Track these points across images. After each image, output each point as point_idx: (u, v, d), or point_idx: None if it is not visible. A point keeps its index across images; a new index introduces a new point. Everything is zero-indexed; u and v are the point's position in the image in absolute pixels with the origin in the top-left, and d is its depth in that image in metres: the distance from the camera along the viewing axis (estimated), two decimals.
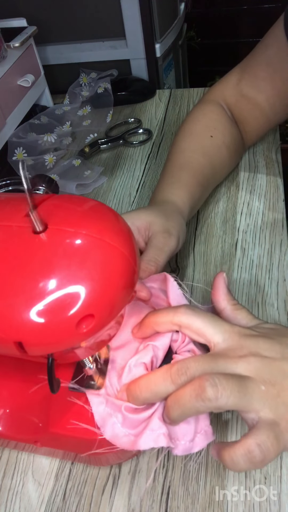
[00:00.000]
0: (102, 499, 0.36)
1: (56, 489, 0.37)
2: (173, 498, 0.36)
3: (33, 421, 0.35)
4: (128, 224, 0.28)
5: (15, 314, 0.24)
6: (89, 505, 0.36)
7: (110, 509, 0.36)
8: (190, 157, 0.55)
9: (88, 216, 0.27)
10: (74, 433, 0.33)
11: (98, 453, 0.32)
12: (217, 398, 0.27)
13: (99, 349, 0.33)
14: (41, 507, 0.37)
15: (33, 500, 0.37)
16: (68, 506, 0.36)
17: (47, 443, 0.36)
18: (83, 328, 0.25)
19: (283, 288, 0.49)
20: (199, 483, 0.36)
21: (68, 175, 0.68)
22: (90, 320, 0.25)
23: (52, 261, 0.24)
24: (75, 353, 0.29)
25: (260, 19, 0.82)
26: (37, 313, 0.24)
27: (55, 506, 0.37)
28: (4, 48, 0.69)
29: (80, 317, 0.24)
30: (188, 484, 0.36)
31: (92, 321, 0.25)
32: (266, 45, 0.57)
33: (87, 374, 0.34)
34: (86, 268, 0.24)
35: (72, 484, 0.38)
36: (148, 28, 0.85)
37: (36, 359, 0.29)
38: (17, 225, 0.26)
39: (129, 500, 0.36)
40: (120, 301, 0.26)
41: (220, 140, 0.57)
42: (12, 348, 0.25)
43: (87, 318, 0.25)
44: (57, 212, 0.27)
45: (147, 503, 0.36)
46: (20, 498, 0.37)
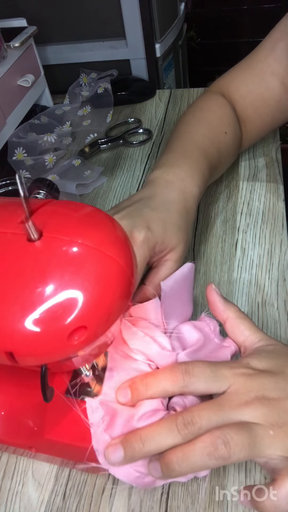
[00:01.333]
0: (102, 499, 0.36)
1: (56, 489, 0.37)
2: (173, 498, 0.36)
3: (28, 425, 0.35)
4: (125, 232, 0.28)
5: (6, 323, 0.23)
6: (89, 505, 0.36)
7: (110, 509, 0.36)
8: (208, 147, 0.51)
9: (84, 224, 0.26)
10: (68, 440, 0.33)
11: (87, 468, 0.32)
12: (230, 456, 0.27)
13: (94, 359, 0.33)
14: (41, 507, 0.37)
15: (33, 500, 0.37)
16: (68, 506, 0.36)
17: (42, 449, 0.36)
18: (75, 340, 0.24)
19: (283, 288, 0.49)
20: (199, 483, 0.36)
21: (68, 175, 0.68)
22: (83, 331, 0.24)
23: (46, 270, 0.24)
24: (69, 363, 0.28)
25: (260, 19, 0.81)
26: (29, 323, 0.23)
27: (55, 506, 0.37)
28: (4, 48, 0.69)
29: (72, 328, 0.23)
30: (188, 484, 0.36)
31: (84, 333, 0.24)
32: (274, 40, 0.55)
33: (83, 381, 0.33)
34: (80, 279, 0.24)
35: (72, 484, 0.38)
36: (148, 28, 0.85)
37: (29, 368, 0.28)
38: (12, 232, 0.25)
39: (129, 500, 0.36)
40: (114, 312, 0.26)
41: (231, 139, 0.55)
42: (2, 357, 0.24)
43: (80, 330, 0.24)
44: (53, 219, 0.26)
45: (147, 503, 0.36)
46: (20, 498, 0.37)
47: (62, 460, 0.37)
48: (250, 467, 0.37)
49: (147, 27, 0.85)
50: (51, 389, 0.29)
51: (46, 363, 0.26)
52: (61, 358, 0.26)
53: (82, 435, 0.32)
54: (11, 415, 0.36)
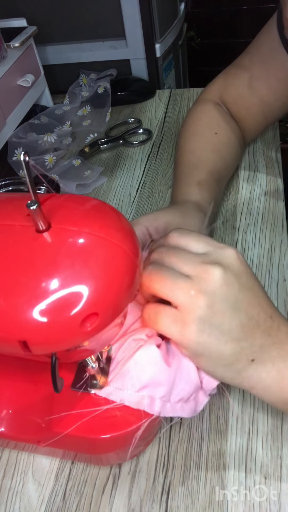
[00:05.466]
0: (102, 499, 0.36)
1: (56, 489, 0.37)
2: (173, 498, 0.36)
3: (36, 421, 0.35)
4: (129, 222, 0.29)
5: (20, 313, 0.24)
6: (89, 505, 0.36)
7: (110, 509, 0.36)
8: (200, 155, 0.55)
9: (90, 214, 0.27)
10: (78, 433, 0.33)
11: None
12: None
13: (103, 348, 0.33)
14: (41, 507, 0.37)
15: (33, 500, 0.37)
16: (68, 506, 0.36)
17: (50, 443, 0.36)
18: (88, 326, 0.25)
19: (283, 288, 0.49)
20: (199, 483, 0.36)
21: (68, 175, 0.68)
22: (94, 318, 0.25)
23: (56, 260, 0.24)
24: (78, 352, 0.29)
25: (260, 19, 0.81)
26: (42, 312, 0.24)
27: (55, 506, 0.37)
28: (4, 48, 0.69)
29: (84, 315, 0.24)
30: (188, 484, 0.36)
31: (96, 320, 0.25)
32: (260, 44, 0.58)
33: (89, 373, 0.34)
34: (89, 267, 0.24)
35: (72, 484, 0.38)
36: (148, 28, 0.85)
37: (39, 358, 0.29)
38: (20, 224, 0.26)
39: (129, 500, 0.36)
40: (123, 299, 0.27)
41: (225, 136, 0.57)
42: (16, 347, 0.25)
43: (92, 317, 0.25)
44: (60, 211, 0.27)
45: (147, 503, 0.36)
46: (20, 498, 0.37)
47: (64, 452, 0.38)
48: (250, 467, 0.37)
49: (147, 27, 0.85)
50: (61, 379, 0.30)
51: (60, 350, 0.27)
52: (75, 345, 0.27)
53: (90, 427, 0.33)
54: (18, 412, 0.36)
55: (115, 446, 0.34)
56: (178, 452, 0.38)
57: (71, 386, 0.35)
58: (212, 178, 0.53)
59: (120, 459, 0.37)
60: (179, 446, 0.38)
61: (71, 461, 0.39)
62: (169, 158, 0.70)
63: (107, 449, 0.35)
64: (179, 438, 0.39)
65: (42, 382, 0.36)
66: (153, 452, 0.38)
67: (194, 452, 0.38)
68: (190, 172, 0.54)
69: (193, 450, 0.38)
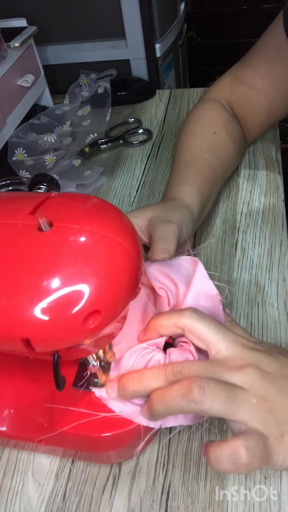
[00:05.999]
0: (102, 499, 0.36)
1: (56, 489, 0.37)
2: (173, 498, 0.36)
3: (38, 420, 0.35)
4: (130, 221, 0.29)
5: (22, 311, 0.24)
6: (89, 505, 0.36)
7: (110, 509, 0.36)
8: (195, 154, 0.55)
9: (91, 213, 0.27)
10: (79, 431, 0.33)
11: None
12: (201, 401, 0.27)
13: (105, 345, 0.34)
14: (41, 507, 0.37)
15: (33, 500, 0.37)
16: (68, 506, 0.36)
17: (52, 442, 0.36)
18: (90, 324, 0.25)
19: (283, 288, 0.49)
20: (199, 483, 0.36)
21: (68, 175, 0.68)
22: (97, 316, 0.25)
23: (58, 258, 0.25)
24: (80, 349, 0.29)
25: (260, 19, 0.82)
26: (44, 310, 0.24)
27: (55, 506, 0.37)
28: (4, 48, 0.69)
29: (86, 313, 0.24)
30: (188, 484, 0.36)
31: (98, 317, 0.25)
32: (265, 43, 0.57)
33: (90, 372, 0.34)
34: (91, 265, 0.25)
35: (72, 484, 0.38)
36: (148, 28, 0.85)
37: (41, 357, 0.29)
38: (22, 223, 0.26)
39: (129, 500, 0.36)
40: (125, 296, 0.27)
41: (224, 135, 0.57)
42: (19, 345, 0.25)
43: (94, 314, 0.25)
44: (61, 209, 0.27)
45: (147, 503, 0.36)
46: (20, 498, 0.37)
47: (64, 450, 0.38)
48: None
49: (147, 27, 0.85)
50: (63, 377, 0.30)
51: (62, 348, 0.27)
52: (77, 343, 0.27)
53: (92, 425, 0.33)
54: (20, 410, 0.36)
55: (117, 444, 0.34)
56: (178, 452, 0.38)
57: (73, 385, 0.35)
58: (203, 177, 0.53)
59: (121, 457, 0.37)
60: (179, 446, 0.38)
61: (71, 461, 0.39)
62: (169, 158, 0.70)
63: (108, 447, 0.35)
64: (179, 438, 0.39)
65: (43, 381, 0.36)
66: (153, 452, 0.38)
67: (194, 452, 0.38)
68: (182, 171, 0.54)
69: (193, 450, 0.38)
